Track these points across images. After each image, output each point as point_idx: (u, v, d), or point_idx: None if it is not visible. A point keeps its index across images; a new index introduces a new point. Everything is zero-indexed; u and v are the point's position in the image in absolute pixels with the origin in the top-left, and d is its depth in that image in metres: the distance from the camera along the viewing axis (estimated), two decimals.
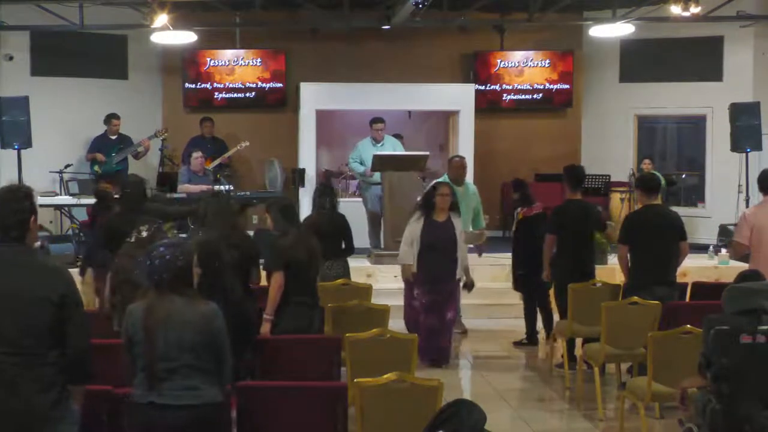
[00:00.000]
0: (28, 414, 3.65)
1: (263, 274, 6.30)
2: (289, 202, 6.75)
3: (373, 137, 11.36)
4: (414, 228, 7.75)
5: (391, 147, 11.30)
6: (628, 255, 7.08)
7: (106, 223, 7.35)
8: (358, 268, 9.74)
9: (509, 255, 10.42)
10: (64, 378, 3.74)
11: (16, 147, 11.03)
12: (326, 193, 8.00)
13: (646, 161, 12.69)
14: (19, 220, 3.76)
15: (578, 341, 7.56)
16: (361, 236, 10.87)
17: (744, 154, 11.78)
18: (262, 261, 6.28)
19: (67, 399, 3.76)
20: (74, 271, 5.66)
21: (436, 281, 7.71)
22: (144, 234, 5.54)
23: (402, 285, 9.45)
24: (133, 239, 5.62)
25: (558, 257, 7.81)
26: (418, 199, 8.51)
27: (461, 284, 8.03)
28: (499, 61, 13.60)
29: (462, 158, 9.45)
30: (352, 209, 11.38)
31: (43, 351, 3.67)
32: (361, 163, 11.26)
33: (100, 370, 4.00)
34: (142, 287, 4.18)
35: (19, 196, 3.82)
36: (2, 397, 3.63)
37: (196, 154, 11.23)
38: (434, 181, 8.79)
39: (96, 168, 11.87)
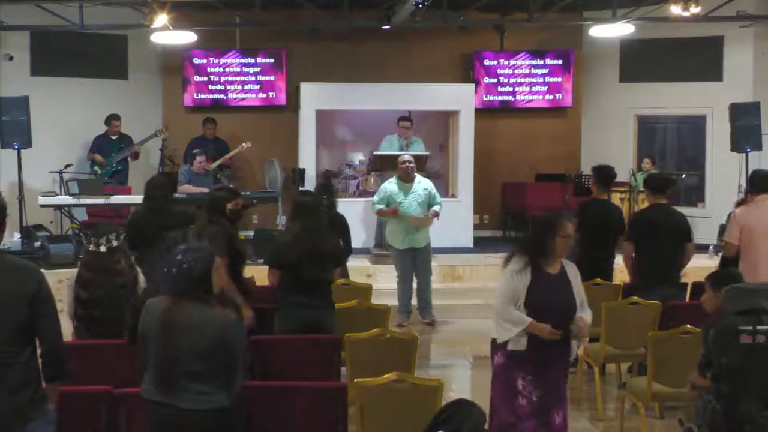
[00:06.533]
0: (1, 414, 3.60)
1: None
2: (302, 198, 6.60)
3: (400, 134, 11.41)
4: (514, 282, 4.87)
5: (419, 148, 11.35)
6: (633, 254, 7.08)
7: (130, 222, 7.35)
8: (358, 268, 9.74)
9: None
10: (44, 376, 3.71)
11: (16, 147, 11.04)
12: (324, 191, 7.93)
13: (647, 160, 12.70)
14: None
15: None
16: (360, 236, 10.88)
17: (744, 154, 11.78)
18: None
19: (42, 399, 3.73)
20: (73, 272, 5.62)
21: (545, 367, 4.90)
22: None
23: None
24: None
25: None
26: (519, 238, 6.45)
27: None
28: (499, 61, 13.60)
29: (409, 160, 9.13)
30: (353, 209, 11.42)
31: (15, 350, 3.63)
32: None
33: (100, 370, 3.99)
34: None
35: None
36: None
37: (201, 158, 11.23)
38: (551, 213, 5.18)
39: (96, 168, 11.90)
